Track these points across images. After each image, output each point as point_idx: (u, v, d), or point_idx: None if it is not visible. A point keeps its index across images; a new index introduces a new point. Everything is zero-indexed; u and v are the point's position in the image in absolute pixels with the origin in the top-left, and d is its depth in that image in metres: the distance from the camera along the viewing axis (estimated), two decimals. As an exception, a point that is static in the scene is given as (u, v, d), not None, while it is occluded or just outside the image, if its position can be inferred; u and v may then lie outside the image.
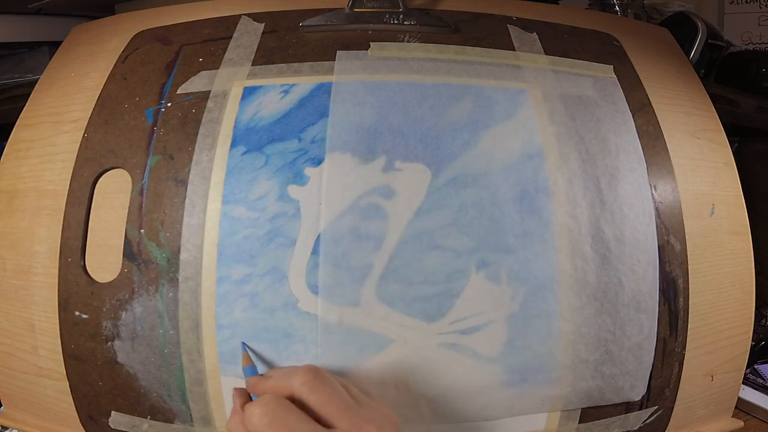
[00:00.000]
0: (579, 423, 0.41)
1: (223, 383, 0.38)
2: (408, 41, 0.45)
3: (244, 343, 0.38)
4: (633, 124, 0.44)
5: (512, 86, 0.43)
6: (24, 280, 0.41)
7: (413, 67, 0.43)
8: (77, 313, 0.40)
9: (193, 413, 0.39)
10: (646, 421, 0.43)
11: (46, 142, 0.44)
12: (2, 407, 0.45)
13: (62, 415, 0.42)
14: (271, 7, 0.47)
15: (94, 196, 0.41)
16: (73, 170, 0.42)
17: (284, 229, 0.38)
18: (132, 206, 0.40)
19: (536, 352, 0.39)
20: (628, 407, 0.42)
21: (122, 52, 0.46)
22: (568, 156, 0.42)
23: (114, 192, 0.41)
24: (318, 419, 0.30)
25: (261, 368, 0.37)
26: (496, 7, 0.49)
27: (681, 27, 0.66)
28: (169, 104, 0.42)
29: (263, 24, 0.46)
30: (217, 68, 0.43)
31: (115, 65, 0.45)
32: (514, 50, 0.46)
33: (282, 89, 0.42)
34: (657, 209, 0.43)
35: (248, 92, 0.42)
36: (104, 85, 0.44)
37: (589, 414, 0.41)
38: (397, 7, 0.46)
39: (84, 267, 0.40)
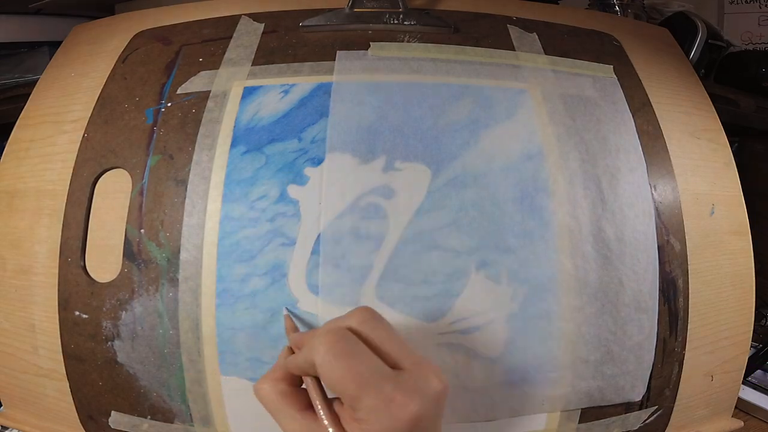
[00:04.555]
0: (579, 423, 0.41)
1: (223, 383, 0.38)
2: (408, 41, 0.45)
3: (287, 308, 0.37)
4: (633, 123, 0.44)
5: (512, 86, 0.43)
6: (24, 280, 0.41)
7: (413, 67, 0.43)
8: (77, 313, 0.40)
9: (193, 413, 0.39)
10: (646, 421, 0.43)
11: (46, 142, 0.44)
12: (2, 407, 0.45)
13: (62, 415, 0.42)
14: (271, 7, 0.47)
15: (94, 196, 0.41)
16: (73, 170, 0.42)
17: (284, 229, 0.38)
18: (132, 206, 0.40)
19: (536, 352, 0.39)
20: (628, 407, 0.42)
21: (122, 52, 0.46)
22: (568, 156, 0.42)
23: (114, 192, 0.41)
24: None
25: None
26: (496, 7, 0.49)
27: (681, 27, 0.65)
28: (169, 104, 0.42)
29: (263, 24, 0.46)
30: (217, 68, 0.43)
31: (115, 65, 0.45)
32: (514, 50, 0.46)
33: (282, 89, 0.42)
34: (657, 209, 0.43)
35: (248, 92, 0.42)
36: (104, 85, 0.44)
37: (589, 414, 0.41)
38: (397, 7, 0.46)
39: (84, 267, 0.40)
